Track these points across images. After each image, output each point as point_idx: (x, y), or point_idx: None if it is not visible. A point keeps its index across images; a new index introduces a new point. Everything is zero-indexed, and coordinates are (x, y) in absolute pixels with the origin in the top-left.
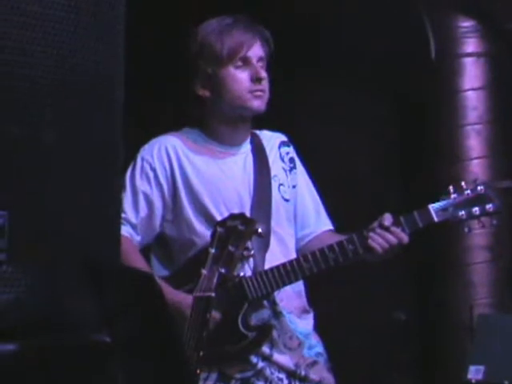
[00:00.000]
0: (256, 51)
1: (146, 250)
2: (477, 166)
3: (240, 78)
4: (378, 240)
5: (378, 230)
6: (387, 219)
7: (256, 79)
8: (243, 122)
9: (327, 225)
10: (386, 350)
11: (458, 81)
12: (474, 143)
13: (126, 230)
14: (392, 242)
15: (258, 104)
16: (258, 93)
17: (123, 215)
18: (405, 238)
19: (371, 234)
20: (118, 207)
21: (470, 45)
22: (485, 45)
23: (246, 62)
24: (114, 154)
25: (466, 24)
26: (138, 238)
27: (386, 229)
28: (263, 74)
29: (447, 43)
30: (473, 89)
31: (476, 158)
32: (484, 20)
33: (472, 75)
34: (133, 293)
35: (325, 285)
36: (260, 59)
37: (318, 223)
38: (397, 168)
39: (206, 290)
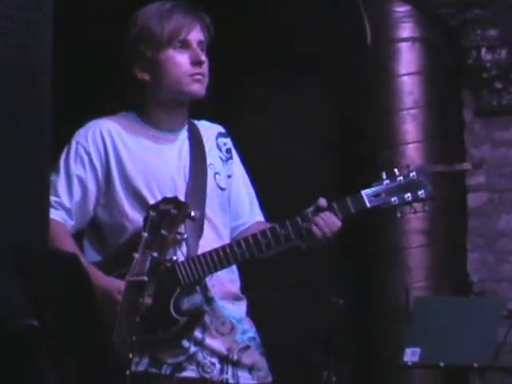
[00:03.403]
0: (196, 35)
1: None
2: (413, 151)
3: (179, 61)
4: (310, 225)
5: (311, 216)
6: (321, 203)
7: (196, 62)
8: (181, 107)
9: (260, 216)
10: (322, 334)
11: (394, 66)
12: (410, 128)
13: (59, 215)
14: (325, 227)
15: (198, 87)
16: (198, 76)
17: (57, 199)
18: (337, 223)
19: (304, 218)
20: (46, 194)
21: (406, 30)
22: (420, 30)
23: (185, 45)
24: (41, 140)
25: (401, 9)
26: (71, 223)
27: (321, 212)
28: (203, 57)
29: (383, 28)
30: (408, 74)
31: (412, 143)
32: (419, 5)
33: (407, 60)
34: (59, 277)
35: (261, 270)
36: (200, 43)
37: (252, 214)
38: (334, 154)
39: (139, 274)
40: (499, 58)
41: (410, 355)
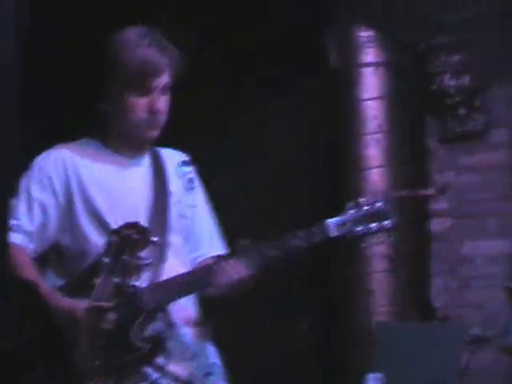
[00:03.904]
0: (161, 81)
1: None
2: (376, 176)
3: (137, 107)
4: (216, 275)
5: (215, 265)
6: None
7: (154, 111)
8: (141, 142)
9: (219, 249)
10: (286, 359)
11: (358, 90)
12: (374, 153)
13: (18, 238)
14: (227, 276)
15: (152, 134)
16: (153, 124)
17: (17, 222)
18: (242, 272)
19: (209, 269)
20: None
21: (369, 54)
22: (384, 55)
23: (148, 91)
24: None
25: (365, 34)
26: (31, 246)
27: (227, 260)
28: (161, 104)
29: (347, 53)
30: (372, 98)
31: (375, 168)
32: (383, 30)
33: (371, 85)
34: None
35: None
36: (164, 88)
37: (210, 247)
38: (301, 180)
39: (101, 299)
40: (463, 84)
41: (373, 381)
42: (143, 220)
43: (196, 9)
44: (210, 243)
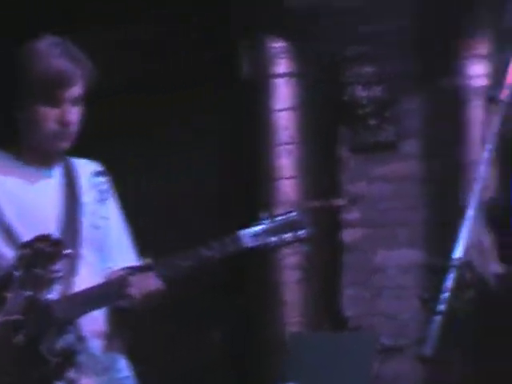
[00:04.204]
0: (73, 92)
1: None
2: (288, 186)
3: (49, 118)
4: (128, 287)
5: (126, 277)
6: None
7: (65, 123)
8: (52, 153)
9: (131, 261)
10: (201, 369)
11: (270, 101)
12: (286, 163)
13: None
14: (139, 289)
15: (62, 146)
16: (64, 136)
17: None
18: (154, 285)
19: (120, 280)
20: None
21: (282, 65)
22: (296, 65)
23: (60, 101)
24: None
25: (278, 45)
26: None
27: (139, 273)
28: (72, 116)
29: (259, 64)
30: (284, 109)
31: (287, 178)
32: (295, 41)
33: (283, 96)
34: None
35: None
36: (76, 99)
37: (122, 258)
38: (213, 190)
39: (12, 313)
40: (375, 95)
41: None
42: (54, 232)
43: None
44: (123, 254)
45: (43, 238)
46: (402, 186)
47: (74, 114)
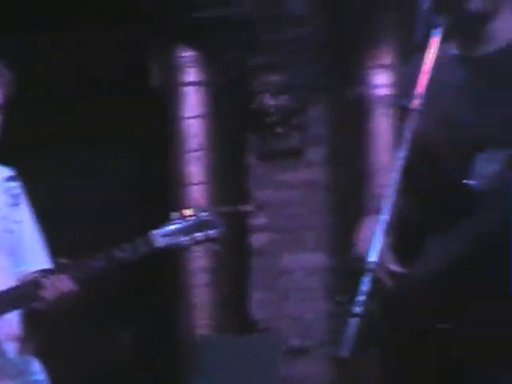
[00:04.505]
0: None
1: None
2: (197, 192)
3: None
4: (41, 290)
5: (39, 279)
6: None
7: None
8: None
9: (44, 264)
10: (113, 371)
11: (179, 109)
12: (195, 169)
13: None
14: (53, 290)
15: None
16: None
17: None
18: (68, 287)
19: (33, 282)
20: None
21: (191, 74)
22: (205, 74)
23: None
24: None
25: (187, 54)
26: None
27: (50, 275)
28: None
29: (169, 72)
30: (193, 117)
31: (196, 184)
32: (204, 50)
33: (192, 104)
34: None
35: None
36: None
37: (35, 262)
38: (125, 196)
39: None
40: (281, 104)
41: None
42: None
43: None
44: (36, 258)
45: None
46: (307, 192)
47: None
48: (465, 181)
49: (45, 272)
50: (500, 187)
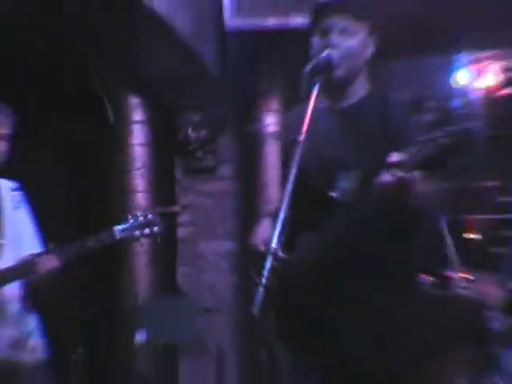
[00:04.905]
0: None
1: None
2: (141, 198)
3: None
4: (36, 266)
5: (38, 258)
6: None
7: None
8: None
9: (37, 249)
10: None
11: (129, 138)
12: (139, 182)
13: None
14: (46, 267)
15: None
16: None
17: None
18: (55, 264)
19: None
20: None
21: (138, 114)
22: (147, 113)
23: None
24: None
25: (135, 99)
26: None
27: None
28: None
29: (123, 112)
30: (139, 144)
31: (140, 192)
32: (146, 96)
33: (139, 135)
34: None
35: None
36: (1, 137)
37: (31, 247)
38: (88, 202)
39: None
40: (200, 136)
41: (140, 335)
42: None
43: None
44: (31, 244)
45: None
46: (219, 198)
47: (1, 147)
48: (330, 193)
49: (38, 253)
50: (351, 198)
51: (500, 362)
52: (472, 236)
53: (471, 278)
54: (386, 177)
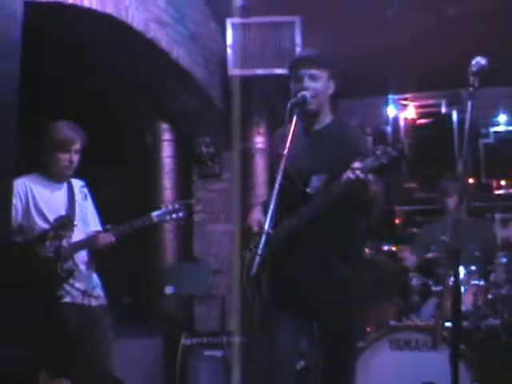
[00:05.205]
0: (76, 146)
1: None
2: (169, 194)
3: (64, 159)
4: (98, 239)
5: (100, 234)
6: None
7: (71, 162)
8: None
9: (99, 227)
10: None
11: (161, 153)
12: (167, 182)
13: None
14: (105, 241)
15: (69, 173)
16: (70, 169)
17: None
18: (113, 239)
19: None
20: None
21: (167, 136)
22: (173, 136)
23: (69, 151)
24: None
25: (165, 125)
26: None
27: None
28: (75, 159)
29: (158, 135)
30: (168, 157)
31: (168, 189)
32: (173, 124)
33: (168, 150)
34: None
35: None
36: (76, 150)
37: (95, 226)
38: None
39: (49, 251)
40: (210, 151)
41: (168, 290)
42: (65, 213)
43: None
44: (95, 224)
45: (65, 217)
46: (222, 194)
47: (76, 158)
48: (306, 189)
49: (98, 231)
50: (320, 193)
51: (417, 308)
52: (397, 220)
53: (396, 249)
54: (350, 175)
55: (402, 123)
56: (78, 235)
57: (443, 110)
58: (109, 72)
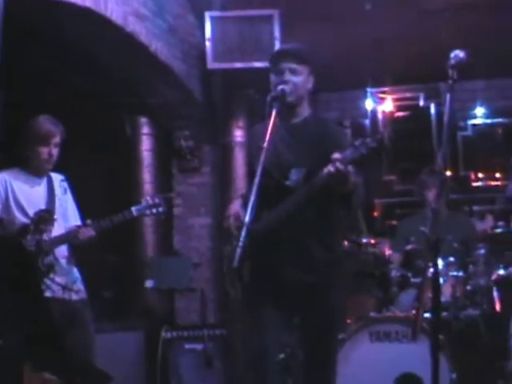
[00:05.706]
0: (55, 140)
1: None
2: (148, 187)
3: (43, 152)
4: (78, 234)
5: (80, 229)
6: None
7: (50, 155)
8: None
9: (78, 222)
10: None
11: (141, 146)
12: (147, 176)
13: None
14: (85, 235)
15: (49, 167)
16: (50, 162)
17: None
18: (91, 233)
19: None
20: None
21: (146, 129)
22: (152, 129)
23: (49, 144)
24: None
25: (144, 119)
26: None
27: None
28: (55, 153)
29: (136, 128)
30: (147, 150)
31: (148, 183)
32: (152, 117)
33: (147, 144)
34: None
35: None
36: (56, 144)
37: (74, 221)
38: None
39: (30, 246)
40: (189, 145)
41: (148, 283)
42: (44, 207)
43: None
44: (74, 219)
45: (45, 211)
46: (201, 188)
47: (55, 151)
48: (285, 182)
49: (79, 226)
50: (299, 186)
51: (397, 299)
52: (376, 213)
53: (375, 241)
54: (331, 167)
55: (380, 116)
56: (58, 229)
57: (421, 103)
58: (89, 66)
